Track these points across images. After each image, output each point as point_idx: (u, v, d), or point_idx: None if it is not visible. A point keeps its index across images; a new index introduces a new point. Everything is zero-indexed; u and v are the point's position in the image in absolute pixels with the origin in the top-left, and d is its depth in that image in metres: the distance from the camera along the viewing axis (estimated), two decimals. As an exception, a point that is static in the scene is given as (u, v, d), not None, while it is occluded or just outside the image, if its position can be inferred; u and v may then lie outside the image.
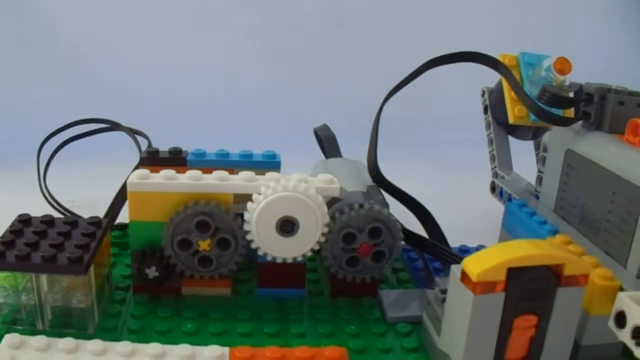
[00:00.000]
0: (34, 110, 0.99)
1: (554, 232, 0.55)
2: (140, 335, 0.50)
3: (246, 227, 0.51)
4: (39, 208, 0.64)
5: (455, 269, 0.44)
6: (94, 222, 0.53)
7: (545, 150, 0.64)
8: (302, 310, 0.54)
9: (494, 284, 0.42)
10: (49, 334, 0.47)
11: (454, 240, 0.63)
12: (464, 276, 0.43)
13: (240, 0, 1.13)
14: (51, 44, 1.06)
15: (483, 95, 0.77)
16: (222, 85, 1.08)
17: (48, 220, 0.53)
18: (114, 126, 0.76)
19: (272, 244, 0.51)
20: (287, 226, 0.51)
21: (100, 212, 0.69)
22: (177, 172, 0.54)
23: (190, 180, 0.52)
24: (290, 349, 0.47)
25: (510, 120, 0.69)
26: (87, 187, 0.79)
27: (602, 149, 0.55)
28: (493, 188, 0.73)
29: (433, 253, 0.58)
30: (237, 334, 0.51)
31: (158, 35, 1.09)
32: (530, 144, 0.78)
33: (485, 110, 0.76)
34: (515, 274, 0.42)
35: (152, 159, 0.58)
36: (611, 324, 0.44)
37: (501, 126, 0.74)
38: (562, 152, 0.60)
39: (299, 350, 0.47)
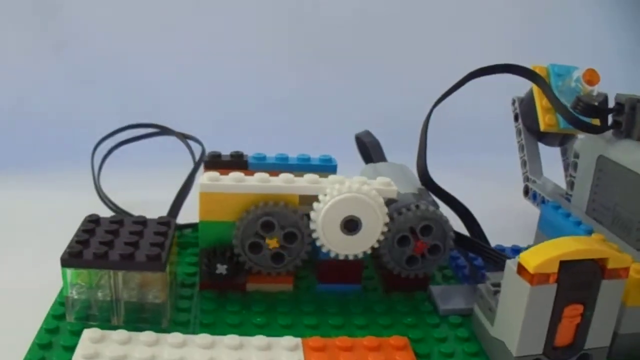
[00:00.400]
0: (84, 115, 1.03)
1: (589, 232, 0.59)
2: (213, 329, 0.53)
3: (312, 226, 0.55)
4: (92, 208, 0.68)
5: (511, 263, 0.49)
6: (164, 222, 0.57)
7: (576, 156, 0.68)
8: (361, 304, 0.58)
9: (548, 275, 0.46)
10: (123, 329, 0.51)
11: (490, 241, 0.67)
12: (521, 269, 0.47)
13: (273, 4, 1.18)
14: (97, 55, 1.11)
15: (513, 104, 0.81)
16: (257, 91, 1.13)
17: (118, 220, 0.57)
18: (164, 131, 0.80)
19: (336, 241, 0.55)
20: (351, 225, 0.55)
21: (151, 213, 0.74)
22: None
23: (259, 182, 0.56)
24: (358, 338, 0.52)
25: (542, 127, 0.73)
26: (138, 189, 0.83)
27: (632, 155, 0.59)
28: (526, 191, 0.77)
29: (476, 251, 0.63)
30: (305, 326, 0.55)
31: (196, 45, 1.14)
32: (556, 151, 0.82)
33: (516, 118, 0.80)
34: (566, 266, 0.47)
35: (215, 162, 0.62)
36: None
37: (531, 133, 0.78)
38: (594, 157, 0.63)
39: (366, 340, 0.51)
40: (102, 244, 0.53)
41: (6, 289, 0.61)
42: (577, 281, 0.47)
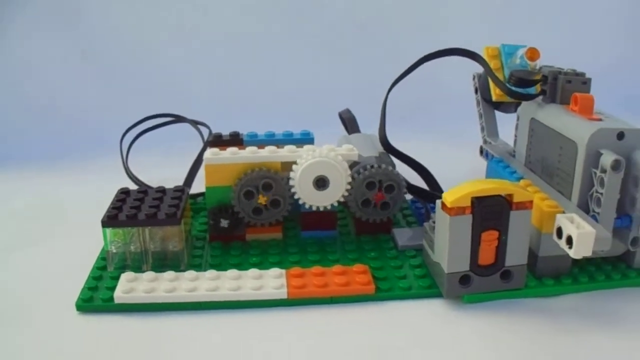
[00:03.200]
0: (109, 111, 1.20)
1: (519, 179, 0.73)
2: (219, 268, 0.69)
3: (291, 183, 0.70)
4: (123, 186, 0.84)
5: (438, 202, 0.63)
6: (179, 189, 0.73)
7: (518, 119, 0.81)
8: (336, 245, 0.74)
9: (464, 208, 0.61)
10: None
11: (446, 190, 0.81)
12: (443, 205, 0.62)
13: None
14: (114, 52, 1.28)
15: (474, 79, 0.95)
16: (259, 76, 1.30)
17: (143, 191, 0.73)
18: (179, 119, 0.96)
19: (310, 196, 0.71)
20: (320, 182, 0.70)
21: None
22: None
23: (249, 154, 0.71)
24: (329, 268, 0.67)
25: (493, 98, 0.86)
26: (159, 168, 0.98)
27: (554, 117, 0.72)
28: (481, 151, 0.91)
29: (430, 199, 0.77)
30: (290, 262, 0.70)
31: (201, 43, 1.31)
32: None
33: (476, 91, 0.94)
34: (479, 201, 0.61)
35: (217, 142, 0.78)
36: (554, 236, 0.63)
37: (488, 103, 0.92)
38: (528, 120, 0.77)
39: (334, 268, 0.67)
40: (132, 208, 0.68)
41: (60, 251, 0.76)
42: (489, 212, 0.61)
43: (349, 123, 0.88)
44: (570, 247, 0.60)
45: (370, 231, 0.75)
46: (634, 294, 0.66)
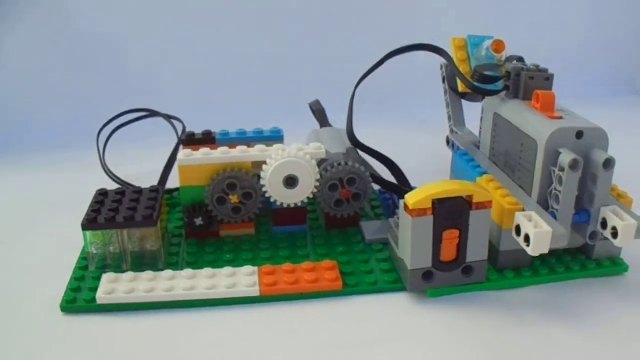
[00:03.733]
0: (85, 106, 1.22)
1: (482, 173, 0.76)
2: (195, 266, 0.72)
3: (262, 182, 0.73)
4: (100, 182, 0.86)
5: (402, 202, 0.66)
6: (154, 189, 0.76)
7: (482, 112, 0.84)
8: (306, 240, 0.77)
9: (425, 209, 0.64)
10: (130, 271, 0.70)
11: (415, 181, 0.84)
12: (406, 206, 0.65)
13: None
14: (89, 46, 1.28)
15: (441, 68, 0.97)
16: (231, 69, 1.32)
17: (121, 192, 0.75)
18: (153, 113, 0.98)
19: (280, 194, 0.74)
20: (290, 181, 0.73)
21: (146, 182, 0.90)
22: (209, 148, 0.77)
23: (221, 154, 0.74)
24: (299, 264, 0.70)
25: (459, 89, 0.89)
26: (135, 163, 1.01)
27: (515, 113, 0.74)
28: (447, 141, 0.94)
29: (397, 192, 0.80)
30: (262, 258, 0.73)
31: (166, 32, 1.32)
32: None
33: (443, 80, 0.96)
34: (439, 202, 0.64)
35: (190, 140, 0.80)
36: (513, 233, 0.66)
37: (455, 92, 0.95)
38: (491, 114, 0.80)
39: (304, 265, 0.70)
40: (110, 210, 0.71)
41: (40, 252, 0.78)
42: (449, 212, 0.65)
43: (319, 114, 0.91)
44: (528, 245, 0.64)
45: (339, 224, 0.78)
46: (592, 285, 0.70)
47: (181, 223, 0.80)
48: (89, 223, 0.70)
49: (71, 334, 0.63)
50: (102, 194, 0.75)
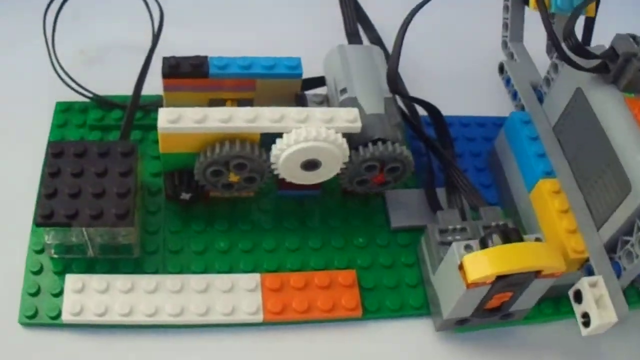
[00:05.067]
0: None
1: (548, 174, 0.60)
2: (181, 256, 0.59)
3: (272, 161, 0.56)
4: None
5: (456, 253, 0.52)
6: (127, 151, 0.57)
7: (554, 69, 0.63)
8: (317, 218, 0.62)
9: (484, 282, 0.51)
10: (98, 261, 0.57)
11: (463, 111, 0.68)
12: (462, 268, 0.51)
13: None
14: None
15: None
16: None
17: (81, 152, 0.56)
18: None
19: (295, 176, 0.57)
20: (310, 165, 0.56)
21: (112, 65, 0.70)
22: (199, 84, 0.57)
23: (220, 123, 0.54)
24: (311, 273, 0.58)
25: (530, 6, 0.65)
26: (94, 35, 0.76)
27: (610, 115, 0.55)
28: (501, 69, 0.73)
29: (443, 164, 0.64)
30: (264, 250, 0.60)
31: None
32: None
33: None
34: (502, 276, 0.51)
35: (173, 73, 0.58)
36: (571, 295, 0.55)
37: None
38: (573, 87, 0.59)
39: (318, 279, 0.58)
40: (71, 197, 0.54)
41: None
42: (510, 284, 0.51)
43: (347, 7, 0.66)
44: (585, 325, 0.53)
45: (358, 194, 0.63)
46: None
47: (159, 167, 0.62)
48: (45, 219, 0.53)
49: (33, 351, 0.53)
50: (56, 154, 0.56)
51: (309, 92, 0.68)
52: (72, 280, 0.55)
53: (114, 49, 0.74)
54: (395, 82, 0.60)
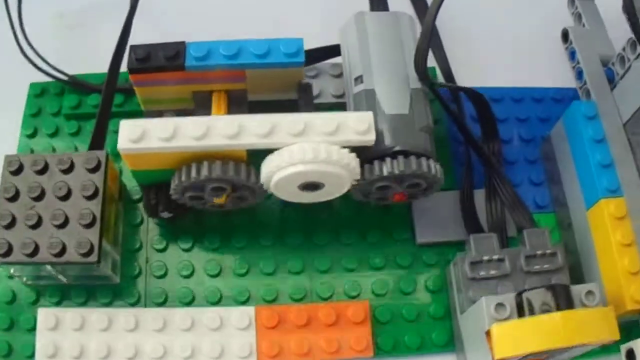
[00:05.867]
0: None
1: (612, 192, 0.46)
2: (165, 281, 0.51)
3: (262, 182, 0.46)
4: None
5: (485, 315, 0.41)
6: (93, 166, 0.47)
7: (633, 47, 0.48)
8: (326, 225, 0.53)
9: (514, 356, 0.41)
10: (74, 287, 0.50)
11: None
12: (489, 337, 0.41)
13: None
14: None
15: None
16: None
17: (41, 169, 0.47)
18: None
19: (293, 196, 0.47)
20: (311, 187, 0.46)
21: (94, 28, 0.59)
22: (177, 77, 0.47)
23: (194, 141, 0.44)
24: (314, 306, 0.49)
25: None
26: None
27: None
28: (565, 37, 0.57)
29: (485, 164, 0.52)
30: (261, 273, 0.51)
31: None
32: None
33: None
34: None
35: (142, 67, 0.47)
36: (622, 352, 0.45)
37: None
38: None
39: (323, 312, 0.49)
40: (30, 227, 0.46)
41: None
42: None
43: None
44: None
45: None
46: None
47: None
48: (2, 257, 0.45)
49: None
50: (14, 172, 0.47)
51: (326, 63, 0.56)
52: (44, 316, 0.48)
53: (98, 11, 0.62)
54: (424, 69, 0.47)
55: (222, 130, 0.44)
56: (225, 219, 0.52)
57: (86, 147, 0.49)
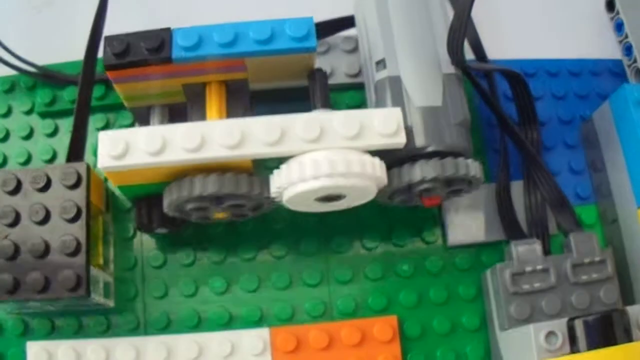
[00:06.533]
0: None
1: None
2: (166, 303, 0.45)
3: (273, 195, 0.39)
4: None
5: (534, 346, 0.36)
6: (73, 183, 0.41)
7: None
8: (347, 232, 0.46)
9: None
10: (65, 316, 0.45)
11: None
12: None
13: None
14: None
15: None
16: None
17: (14, 188, 0.40)
18: None
19: (310, 208, 0.41)
20: (330, 199, 0.40)
21: (64, 7, 0.52)
22: (163, 71, 0.40)
23: (188, 154, 0.37)
24: (337, 324, 0.43)
25: None
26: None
27: None
28: (611, 5, 0.49)
29: (524, 153, 0.45)
30: (273, 287, 0.45)
31: None
32: None
33: None
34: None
35: (121, 64, 0.39)
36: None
37: None
38: None
39: (346, 331, 0.43)
40: (6, 261, 0.39)
41: None
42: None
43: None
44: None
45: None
46: None
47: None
48: (-24, 293, 0.40)
49: None
50: (-14, 192, 0.41)
51: (338, 35, 0.49)
52: (34, 351, 0.43)
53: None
54: (460, 52, 0.40)
55: (220, 139, 0.38)
56: (231, 227, 0.46)
57: (66, 148, 0.42)
